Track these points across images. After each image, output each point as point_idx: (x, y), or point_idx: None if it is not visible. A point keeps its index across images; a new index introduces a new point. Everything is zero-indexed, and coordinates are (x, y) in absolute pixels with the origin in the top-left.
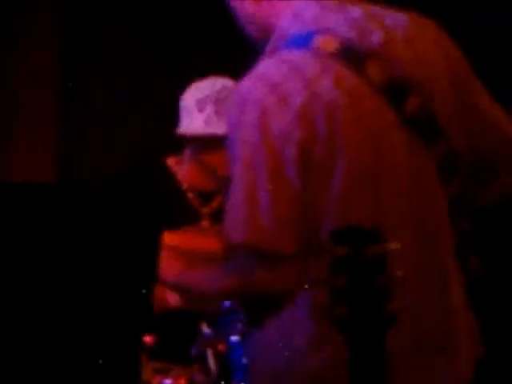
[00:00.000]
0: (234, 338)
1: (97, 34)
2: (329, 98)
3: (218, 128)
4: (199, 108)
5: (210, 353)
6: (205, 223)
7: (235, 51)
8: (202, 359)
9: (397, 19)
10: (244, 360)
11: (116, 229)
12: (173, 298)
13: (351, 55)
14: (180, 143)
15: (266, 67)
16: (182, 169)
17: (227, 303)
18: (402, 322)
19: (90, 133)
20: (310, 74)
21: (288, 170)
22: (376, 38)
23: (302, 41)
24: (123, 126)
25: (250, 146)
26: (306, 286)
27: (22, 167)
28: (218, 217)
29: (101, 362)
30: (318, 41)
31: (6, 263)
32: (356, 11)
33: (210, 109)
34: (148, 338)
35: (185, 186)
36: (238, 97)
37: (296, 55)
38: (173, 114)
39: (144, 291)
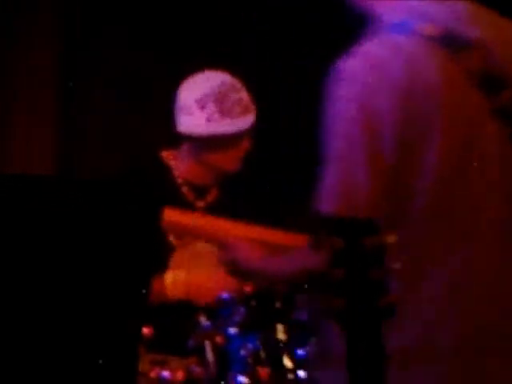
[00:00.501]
0: (232, 330)
1: (97, 34)
2: (430, 80)
3: (221, 127)
4: (200, 106)
5: (207, 345)
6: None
7: (234, 51)
8: (200, 351)
9: (492, 16)
10: (242, 352)
11: (113, 222)
12: (171, 292)
13: (451, 43)
14: (177, 138)
15: (368, 47)
16: (178, 164)
17: (226, 296)
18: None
19: (90, 132)
20: (412, 55)
21: (384, 146)
22: (475, 30)
23: (404, 27)
24: (123, 125)
25: (348, 120)
26: None
27: (22, 167)
28: (212, 211)
29: (98, 353)
30: (420, 26)
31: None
32: (456, 4)
33: (211, 106)
34: (146, 330)
35: (180, 180)
36: (339, 73)
37: (398, 38)
38: (172, 113)
39: (142, 284)
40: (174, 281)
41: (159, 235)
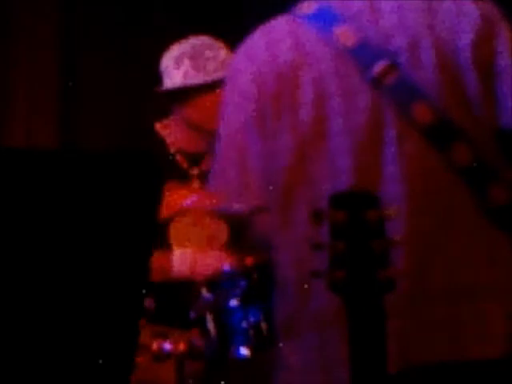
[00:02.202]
0: (234, 303)
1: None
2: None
3: (195, 79)
4: (176, 64)
5: (209, 317)
6: (194, 185)
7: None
8: (202, 323)
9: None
10: (243, 324)
11: (115, 194)
12: (178, 269)
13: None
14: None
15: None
16: (170, 132)
17: (227, 268)
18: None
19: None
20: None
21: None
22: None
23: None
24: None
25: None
26: None
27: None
28: (206, 178)
29: (98, 326)
30: (336, 29)
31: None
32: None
33: (186, 63)
34: (147, 303)
35: (173, 150)
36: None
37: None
38: None
39: (144, 256)
40: (182, 258)
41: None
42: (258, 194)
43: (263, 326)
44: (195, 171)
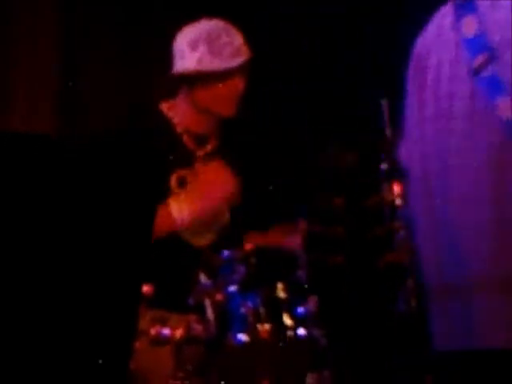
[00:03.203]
0: (233, 288)
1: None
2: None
3: (211, 65)
4: (192, 47)
5: (207, 303)
6: (199, 165)
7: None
8: (200, 309)
9: None
10: (242, 310)
11: (114, 179)
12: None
13: None
14: (174, 88)
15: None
16: (177, 112)
17: (226, 253)
18: None
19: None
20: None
21: None
22: None
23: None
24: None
25: None
26: None
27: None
28: (212, 159)
29: (98, 310)
30: None
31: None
32: None
33: (202, 47)
34: (146, 288)
35: (179, 130)
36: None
37: None
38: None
39: (142, 237)
40: (179, 209)
41: (161, 187)
42: None
43: (262, 311)
44: (201, 152)
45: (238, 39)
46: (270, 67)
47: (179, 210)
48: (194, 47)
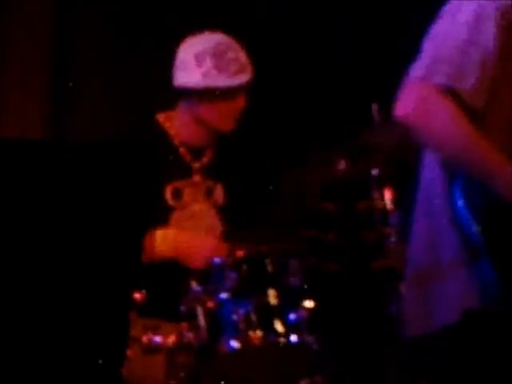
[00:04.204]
0: (224, 295)
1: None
2: None
3: (216, 81)
4: (197, 61)
5: (199, 310)
6: (196, 178)
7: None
8: (192, 316)
9: None
10: (234, 317)
11: (106, 184)
12: (160, 248)
13: None
14: (172, 100)
15: None
16: (174, 124)
17: (217, 260)
18: None
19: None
20: None
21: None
22: None
23: None
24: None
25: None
26: None
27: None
28: (208, 172)
29: (91, 318)
30: None
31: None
32: None
33: (209, 62)
34: (138, 296)
35: (176, 142)
36: None
37: None
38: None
39: (134, 245)
40: (164, 237)
41: (155, 196)
42: None
43: (253, 318)
44: (197, 164)
45: (243, 56)
46: (259, 77)
47: (163, 242)
48: (200, 61)
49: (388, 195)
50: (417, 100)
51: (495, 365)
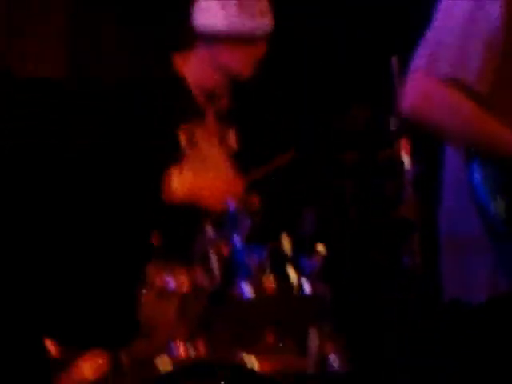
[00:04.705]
0: (238, 241)
1: None
2: None
3: (239, 23)
4: (222, 4)
5: (213, 254)
6: (210, 122)
7: None
8: (205, 260)
9: None
10: (247, 262)
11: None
12: (177, 192)
13: None
14: (191, 41)
15: None
16: (191, 66)
17: (232, 205)
18: None
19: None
20: None
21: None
22: None
23: None
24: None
25: None
26: None
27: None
28: (222, 117)
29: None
30: None
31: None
32: None
33: (233, 6)
34: (154, 239)
35: (192, 85)
36: None
37: None
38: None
39: (152, 185)
40: (180, 181)
41: (170, 137)
42: None
43: (267, 264)
44: (211, 109)
45: (265, 3)
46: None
47: (179, 183)
48: (225, 4)
49: (405, 147)
50: (420, 93)
51: None
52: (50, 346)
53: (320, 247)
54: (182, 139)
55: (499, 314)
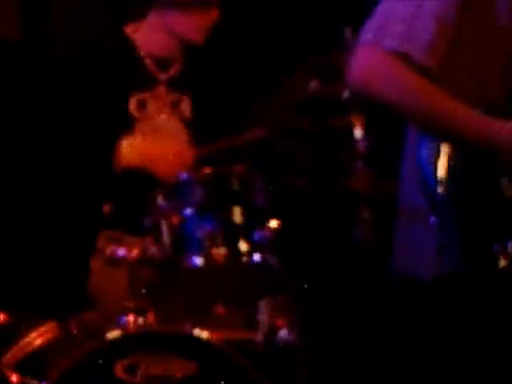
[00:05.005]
0: (189, 211)
1: None
2: None
3: None
4: None
5: (164, 224)
6: (161, 89)
7: None
8: (156, 230)
9: None
10: (198, 233)
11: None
12: (126, 157)
13: None
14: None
15: None
16: (142, 35)
17: (184, 176)
18: None
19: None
20: None
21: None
22: None
23: None
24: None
25: None
26: None
27: None
28: (174, 84)
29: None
30: None
31: None
32: None
33: None
34: (104, 207)
35: (142, 53)
36: None
37: None
38: None
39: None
40: (130, 146)
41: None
42: None
43: (218, 236)
44: (163, 76)
45: None
46: None
47: (128, 149)
48: None
49: (357, 119)
50: (366, 67)
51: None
52: None
53: (272, 220)
54: (133, 107)
55: (442, 294)
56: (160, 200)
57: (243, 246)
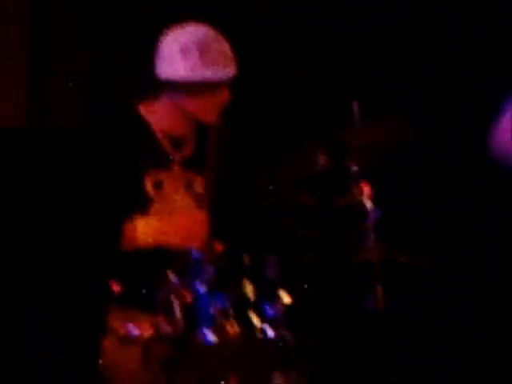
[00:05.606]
0: (201, 288)
1: None
2: None
3: (203, 74)
4: (184, 54)
5: (176, 302)
6: (177, 169)
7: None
8: (168, 308)
9: None
10: (210, 310)
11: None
12: (142, 237)
13: None
14: (155, 90)
15: None
16: (156, 115)
17: (195, 253)
18: None
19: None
20: None
21: None
22: None
23: None
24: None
25: None
26: None
27: None
28: (189, 164)
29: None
30: None
31: None
32: None
33: (194, 55)
34: (115, 286)
35: (158, 133)
36: None
37: None
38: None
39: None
40: (146, 226)
41: (135, 184)
42: None
43: (230, 312)
44: (177, 156)
45: (228, 48)
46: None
47: (144, 228)
48: (186, 54)
49: (366, 192)
50: None
51: None
52: None
53: (283, 295)
54: (148, 186)
55: None
56: (172, 277)
57: (256, 322)
